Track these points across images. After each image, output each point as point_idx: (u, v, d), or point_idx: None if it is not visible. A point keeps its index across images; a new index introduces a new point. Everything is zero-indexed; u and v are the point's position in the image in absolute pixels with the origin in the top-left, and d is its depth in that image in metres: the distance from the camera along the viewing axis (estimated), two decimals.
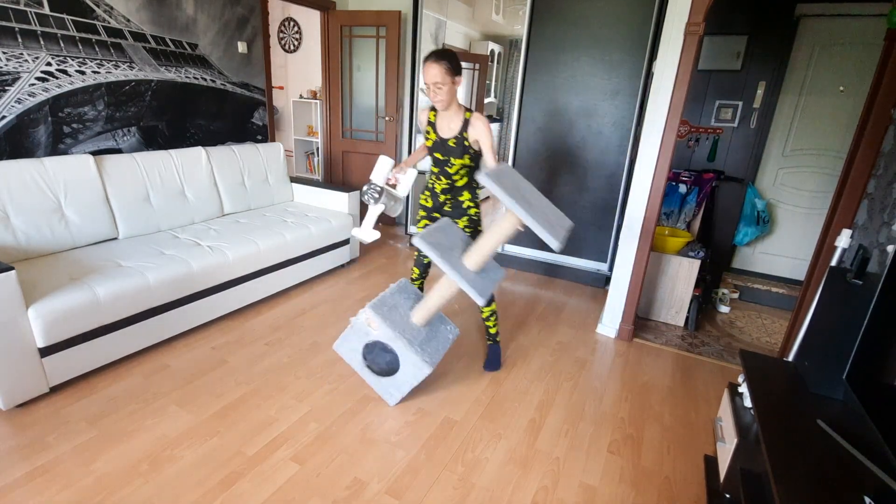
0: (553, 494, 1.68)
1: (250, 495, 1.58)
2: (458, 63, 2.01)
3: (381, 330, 1.97)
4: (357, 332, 2.05)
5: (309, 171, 6.25)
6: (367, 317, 1.98)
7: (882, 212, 1.95)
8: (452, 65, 1.98)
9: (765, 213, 3.53)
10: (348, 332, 2.07)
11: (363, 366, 2.09)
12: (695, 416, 2.18)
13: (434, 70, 1.96)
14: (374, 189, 2.12)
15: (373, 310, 1.97)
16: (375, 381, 2.09)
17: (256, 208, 3.44)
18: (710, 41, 3.37)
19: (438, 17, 4.83)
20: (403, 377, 2.02)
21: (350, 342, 2.08)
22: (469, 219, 2.27)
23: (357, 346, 2.06)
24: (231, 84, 3.47)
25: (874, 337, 1.25)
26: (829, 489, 1.04)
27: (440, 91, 2.00)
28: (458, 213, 2.27)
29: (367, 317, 1.98)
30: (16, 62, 2.35)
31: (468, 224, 2.28)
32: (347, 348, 2.09)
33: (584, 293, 3.52)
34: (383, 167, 2.17)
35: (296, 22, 5.89)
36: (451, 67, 1.98)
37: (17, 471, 1.61)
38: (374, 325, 1.98)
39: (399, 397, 2.07)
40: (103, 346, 2.12)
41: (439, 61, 1.95)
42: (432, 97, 2.03)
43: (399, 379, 2.03)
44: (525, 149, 3.67)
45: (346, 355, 2.11)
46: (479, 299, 1.85)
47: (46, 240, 2.33)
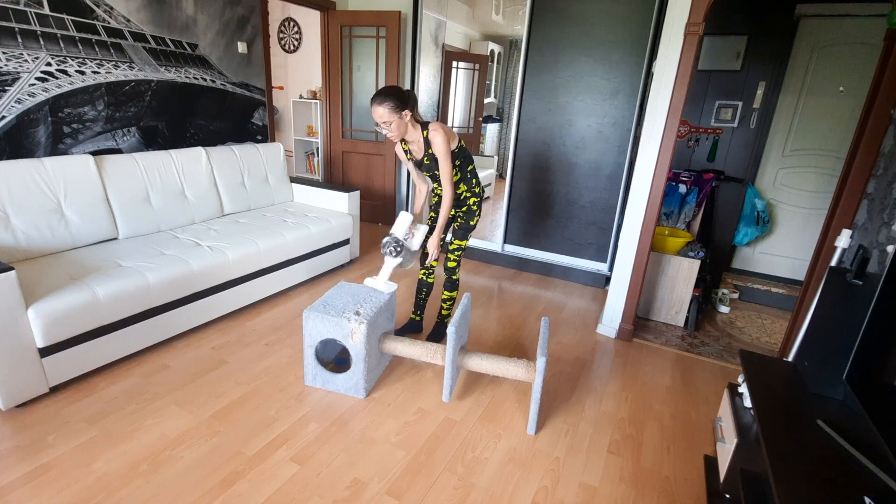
0: (553, 494, 1.68)
1: (250, 495, 1.58)
2: (402, 98, 2.08)
3: (358, 346, 2.03)
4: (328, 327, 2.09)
5: (309, 171, 6.25)
6: (354, 329, 2.01)
7: (882, 212, 1.95)
8: (397, 102, 2.06)
9: (765, 214, 3.53)
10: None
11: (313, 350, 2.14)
12: (695, 416, 2.18)
13: (379, 111, 2.06)
14: (395, 243, 2.24)
15: (367, 326, 2.01)
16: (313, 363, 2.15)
17: (256, 208, 3.44)
18: (710, 41, 3.37)
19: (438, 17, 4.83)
20: (341, 383, 2.14)
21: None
22: (467, 209, 2.41)
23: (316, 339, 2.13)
24: (231, 84, 3.47)
25: (874, 337, 1.25)
26: (829, 489, 1.04)
27: (389, 128, 2.11)
28: (459, 204, 2.42)
29: (354, 329, 2.01)
30: (16, 62, 2.35)
31: (463, 214, 2.42)
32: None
33: (584, 293, 3.52)
34: (404, 222, 2.29)
35: (296, 22, 5.89)
36: (396, 105, 2.06)
37: (17, 471, 1.61)
38: (356, 338, 2.02)
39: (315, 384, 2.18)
40: (103, 346, 2.12)
41: (383, 102, 2.05)
42: (385, 133, 2.14)
43: (339, 381, 2.13)
44: (525, 149, 3.67)
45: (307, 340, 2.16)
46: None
47: (46, 240, 2.33)
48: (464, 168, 2.31)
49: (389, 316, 2.29)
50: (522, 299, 3.32)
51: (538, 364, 1.90)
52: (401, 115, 2.09)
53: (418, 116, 2.20)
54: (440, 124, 2.14)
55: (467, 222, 2.41)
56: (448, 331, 1.97)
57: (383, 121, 2.08)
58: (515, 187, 3.78)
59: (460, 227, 2.43)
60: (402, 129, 2.14)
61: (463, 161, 2.29)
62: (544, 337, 2.04)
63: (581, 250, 3.69)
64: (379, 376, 2.28)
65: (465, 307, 2.18)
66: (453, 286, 2.55)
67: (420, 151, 2.25)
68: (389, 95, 2.06)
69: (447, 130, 2.15)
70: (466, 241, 2.44)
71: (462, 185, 2.35)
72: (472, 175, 2.35)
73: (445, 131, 2.13)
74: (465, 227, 2.41)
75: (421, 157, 2.26)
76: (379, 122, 2.10)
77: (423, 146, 2.21)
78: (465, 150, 2.30)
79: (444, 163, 2.16)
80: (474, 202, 2.39)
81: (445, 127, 2.16)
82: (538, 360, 1.90)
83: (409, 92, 2.13)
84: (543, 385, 2.32)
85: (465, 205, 2.40)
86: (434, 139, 2.13)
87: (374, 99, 2.07)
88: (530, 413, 1.98)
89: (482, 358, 2.09)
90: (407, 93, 2.11)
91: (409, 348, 2.17)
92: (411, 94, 2.13)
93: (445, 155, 2.14)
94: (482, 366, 2.08)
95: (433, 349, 2.13)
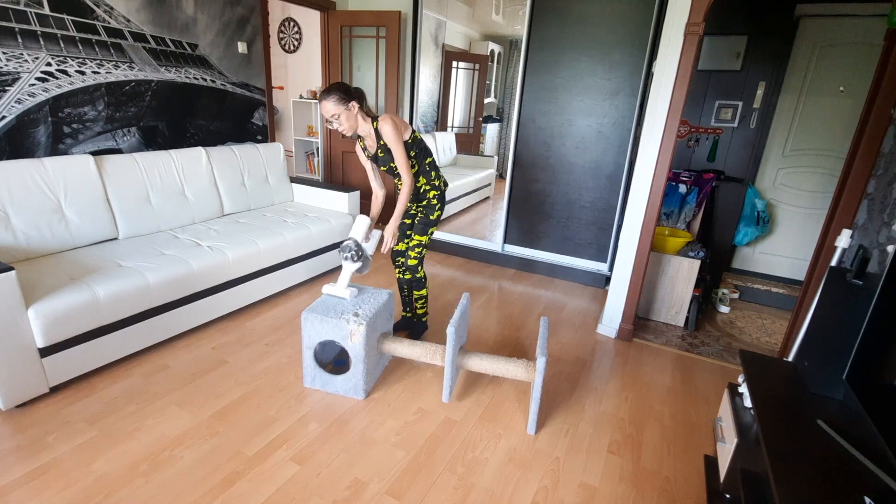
0: (553, 494, 1.68)
1: (250, 495, 1.58)
2: (346, 91, 2.11)
3: (357, 348, 2.02)
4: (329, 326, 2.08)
5: (309, 171, 6.25)
6: (353, 331, 2.01)
7: (882, 212, 1.95)
8: (341, 94, 2.09)
9: (765, 214, 3.53)
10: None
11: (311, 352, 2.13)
12: (695, 416, 2.18)
13: (326, 105, 2.09)
14: (356, 247, 2.20)
15: (367, 327, 2.01)
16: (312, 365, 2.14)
17: (256, 208, 3.44)
18: (710, 41, 3.37)
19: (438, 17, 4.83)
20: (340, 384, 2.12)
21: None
22: (427, 203, 2.39)
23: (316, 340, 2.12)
24: (231, 84, 3.48)
25: (874, 337, 1.25)
26: (829, 489, 1.04)
27: (339, 121, 2.12)
28: (418, 198, 2.40)
29: (353, 331, 2.01)
30: (16, 62, 2.35)
31: (423, 209, 2.40)
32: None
33: (584, 293, 3.52)
34: (362, 225, 2.24)
35: (296, 22, 5.89)
36: (341, 97, 2.08)
37: (17, 471, 1.61)
38: (355, 339, 2.01)
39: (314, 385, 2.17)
40: (103, 346, 2.12)
41: (328, 96, 2.08)
42: (336, 129, 2.16)
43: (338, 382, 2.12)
44: (525, 149, 3.67)
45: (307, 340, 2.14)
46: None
47: (46, 240, 2.33)
48: (421, 160, 2.29)
49: (388, 316, 2.29)
50: (522, 299, 3.32)
51: (538, 364, 1.90)
52: (347, 107, 2.10)
53: (368, 110, 2.22)
54: (389, 115, 2.15)
55: (427, 217, 2.37)
56: (448, 331, 1.96)
57: (331, 114, 2.10)
58: (515, 187, 3.78)
59: (420, 221, 2.39)
60: (352, 121, 2.14)
61: (419, 152, 2.27)
62: (544, 337, 2.03)
63: (581, 250, 3.69)
64: (378, 377, 2.28)
65: (463, 307, 2.18)
66: (420, 284, 2.51)
67: (373, 145, 2.25)
68: (334, 89, 2.09)
69: (397, 120, 2.16)
70: (427, 237, 2.39)
71: (421, 178, 2.33)
72: (430, 168, 2.33)
73: (394, 120, 2.14)
74: (426, 221, 2.37)
75: (375, 150, 2.26)
76: (328, 117, 2.12)
77: (375, 138, 2.22)
78: (421, 142, 2.28)
79: (396, 149, 2.15)
80: (434, 195, 2.36)
81: (395, 117, 2.17)
82: (538, 360, 1.90)
83: (356, 88, 2.17)
84: (543, 385, 2.32)
85: (424, 198, 2.38)
86: (383, 129, 2.13)
87: (320, 95, 2.10)
88: (530, 413, 1.98)
89: (482, 358, 2.09)
90: (353, 88, 2.15)
91: (408, 349, 2.16)
92: (358, 89, 2.17)
93: (396, 141, 2.13)
94: (482, 366, 2.08)
95: (433, 350, 2.12)
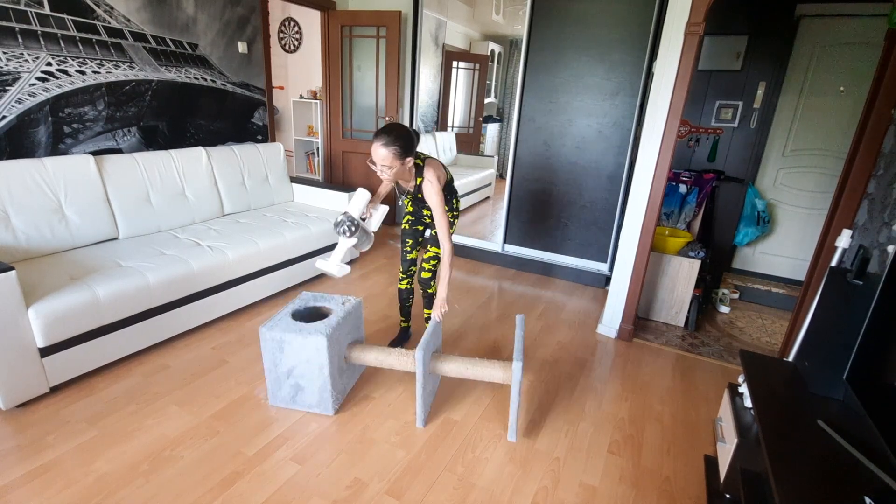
0: (553, 494, 1.68)
1: (250, 495, 1.58)
2: (409, 145, 1.88)
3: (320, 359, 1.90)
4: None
5: (309, 171, 6.25)
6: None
7: (882, 212, 1.95)
8: (402, 147, 1.86)
9: (765, 214, 3.53)
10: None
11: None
12: (695, 416, 2.18)
13: (381, 153, 1.85)
14: (349, 221, 2.01)
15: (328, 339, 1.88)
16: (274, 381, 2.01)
17: (257, 208, 3.44)
18: (710, 41, 3.37)
19: (438, 17, 4.83)
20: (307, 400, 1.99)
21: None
22: None
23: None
24: (231, 84, 3.48)
25: (874, 337, 1.25)
26: (829, 489, 1.04)
27: (386, 171, 1.90)
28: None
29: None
30: (16, 62, 2.35)
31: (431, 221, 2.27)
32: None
33: (584, 293, 3.52)
34: (360, 200, 2.07)
35: (296, 22, 5.90)
36: (401, 151, 1.86)
37: (18, 471, 1.61)
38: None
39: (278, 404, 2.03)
40: (103, 346, 2.12)
41: (389, 146, 1.83)
42: (378, 173, 1.92)
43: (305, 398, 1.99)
44: (525, 149, 3.67)
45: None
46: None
47: (46, 240, 2.33)
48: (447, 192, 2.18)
49: (356, 325, 2.18)
50: (522, 299, 3.32)
51: (514, 368, 1.79)
52: (403, 161, 1.89)
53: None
54: (433, 172, 1.97)
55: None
56: (416, 355, 1.82)
57: (383, 164, 1.86)
58: (515, 187, 3.78)
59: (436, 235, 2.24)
60: (400, 174, 1.96)
61: (447, 194, 2.16)
62: (519, 338, 1.92)
63: (581, 250, 3.68)
64: (351, 387, 2.18)
65: (435, 323, 2.07)
66: (431, 302, 2.39)
67: (411, 189, 2.13)
68: (397, 139, 1.84)
69: (441, 177, 2.00)
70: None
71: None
72: (450, 195, 2.22)
73: (438, 179, 1.98)
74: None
75: (409, 192, 2.16)
76: (377, 163, 1.87)
77: (415, 189, 2.09)
78: (449, 185, 2.18)
79: (440, 217, 1.98)
80: (451, 216, 2.25)
81: (439, 172, 2.00)
82: (514, 365, 1.80)
83: (416, 135, 1.95)
84: (543, 385, 2.32)
85: None
86: (426, 190, 1.99)
87: (379, 138, 1.84)
88: (509, 419, 1.89)
89: (455, 362, 1.97)
90: (415, 137, 1.92)
91: (381, 357, 2.03)
92: (417, 138, 1.94)
93: (440, 207, 1.97)
94: (456, 370, 1.96)
95: (407, 357, 1.99)
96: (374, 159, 1.88)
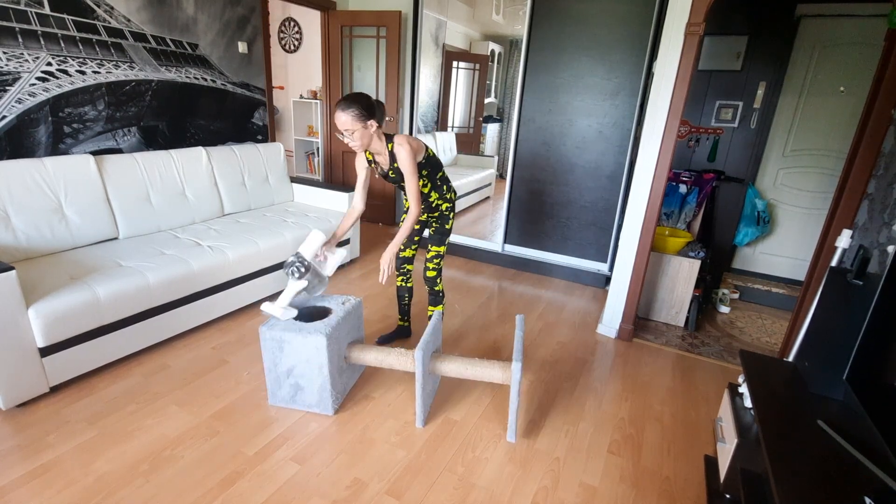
0: (553, 494, 1.68)
1: (250, 495, 1.58)
2: (368, 106, 1.93)
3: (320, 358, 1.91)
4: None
5: (309, 171, 6.25)
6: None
7: (882, 212, 1.95)
8: (362, 110, 1.91)
9: (765, 214, 3.53)
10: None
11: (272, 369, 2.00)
12: (695, 416, 2.18)
13: (342, 118, 1.91)
14: (300, 263, 1.97)
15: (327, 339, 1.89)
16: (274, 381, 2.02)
17: (257, 208, 3.44)
18: (710, 41, 3.37)
19: (438, 17, 4.83)
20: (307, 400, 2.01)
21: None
22: (440, 214, 2.32)
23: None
24: (231, 84, 3.48)
25: (874, 337, 1.25)
26: (829, 489, 1.04)
27: (352, 137, 1.95)
28: (430, 209, 2.32)
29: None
30: (16, 62, 2.35)
31: (436, 219, 2.33)
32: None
33: (584, 293, 3.52)
34: (315, 241, 2.04)
35: (296, 22, 5.90)
36: (361, 113, 1.91)
37: (17, 471, 1.62)
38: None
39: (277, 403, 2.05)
40: (103, 346, 2.12)
41: (346, 109, 1.90)
42: (347, 143, 1.99)
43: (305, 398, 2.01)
44: (525, 149, 3.67)
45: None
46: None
47: (46, 240, 2.33)
48: (433, 176, 2.21)
49: (356, 325, 2.18)
50: (522, 299, 3.32)
51: (513, 369, 1.80)
52: (366, 124, 1.94)
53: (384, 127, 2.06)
54: (406, 137, 2.03)
55: (442, 226, 2.31)
56: (416, 355, 1.84)
57: (346, 129, 1.92)
58: (516, 187, 3.78)
59: (436, 231, 2.32)
60: (367, 140, 1.99)
61: (431, 170, 2.19)
62: (519, 338, 1.92)
63: (581, 250, 3.68)
64: (352, 385, 2.19)
65: (435, 323, 2.08)
66: (437, 300, 2.41)
67: (386, 164, 2.14)
68: (354, 102, 1.91)
69: (413, 143, 2.04)
70: (444, 247, 2.33)
71: (433, 194, 2.25)
72: (442, 181, 2.26)
73: (411, 144, 2.02)
74: (441, 231, 2.32)
75: (387, 169, 2.16)
76: (341, 130, 1.94)
77: (389, 159, 2.10)
78: (434, 159, 2.19)
79: (410, 179, 2.04)
80: (447, 207, 2.30)
81: (411, 139, 2.05)
82: (513, 365, 1.80)
83: (377, 101, 1.99)
84: (542, 385, 2.32)
85: (437, 210, 2.31)
86: (399, 153, 2.02)
87: (338, 105, 1.92)
88: (509, 420, 1.89)
89: (455, 362, 1.96)
90: (375, 102, 1.97)
91: (381, 357, 2.03)
92: (379, 105, 2.00)
93: (411, 171, 2.03)
94: (456, 370, 1.96)
95: (407, 357, 1.99)
96: (338, 127, 1.95)
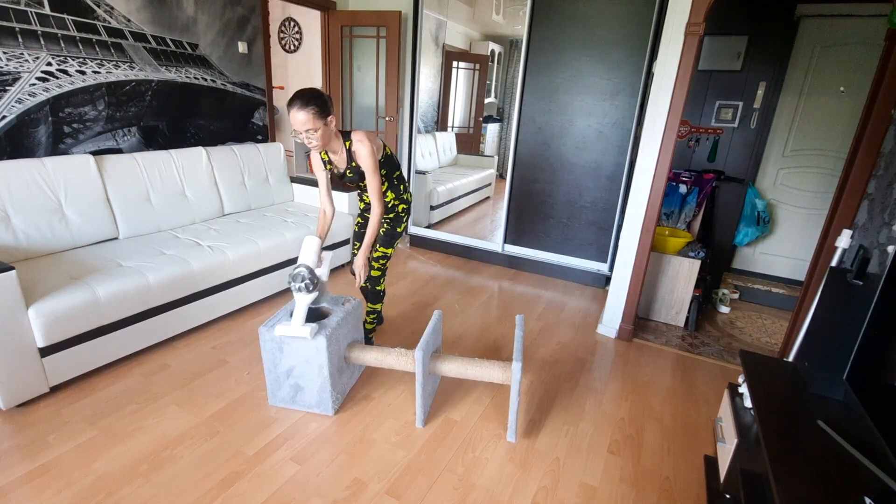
0: (553, 494, 1.68)
1: (250, 495, 1.58)
2: (324, 102, 1.86)
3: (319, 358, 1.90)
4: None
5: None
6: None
7: (882, 212, 1.95)
8: (320, 107, 1.84)
9: (765, 214, 3.53)
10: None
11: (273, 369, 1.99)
12: (695, 416, 2.18)
13: (300, 117, 1.81)
14: (309, 274, 1.87)
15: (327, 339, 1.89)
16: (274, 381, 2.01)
17: (257, 208, 3.44)
18: (710, 41, 3.37)
19: (439, 17, 4.84)
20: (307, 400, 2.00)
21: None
22: (395, 215, 2.30)
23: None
24: (231, 84, 3.48)
25: (874, 337, 1.25)
26: (829, 489, 1.04)
27: (314, 136, 1.88)
28: (385, 210, 2.28)
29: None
30: (16, 62, 2.35)
31: (390, 220, 2.30)
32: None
33: (584, 293, 3.52)
34: (312, 247, 1.93)
35: (296, 22, 5.90)
36: (319, 111, 1.84)
37: (17, 471, 1.62)
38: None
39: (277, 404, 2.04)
40: (103, 346, 2.12)
41: (304, 107, 1.81)
42: (307, 143, 1.90)
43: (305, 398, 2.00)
44: (525, 149, 3.67)
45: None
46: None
47: (46, 240, 2.33)
48: (390, 176, 2.18)
49: (356, 325, 2.17)
50: (522, 299, 3.32)
51: (513, 369, 1.80)
52: (326, 121, 1.88)
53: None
54: (364, 133, 1.97)
55: (394, 229, 2.29)
56: (416, 355, 1.81)
57: (306, 128, 1.84)
58: (515, 187, 3.78)
59: (386, 233, 2.29)
60: (328, 138, 1.92)
61: (389, 169, 2.15)
62: (519, 338, 1.92)
63: (581, 250, 3.68)
64: (352, 386, 2.18)
65: (435, 322, 2.06)
66: (377, 298, 2.39)
67: (343, 163, 2.07)
68: (312, 99, 1.82)
69: (373, 140, 1.99)
70: (392, 248, 2.31)
71: (390, 193, 2.22)
72: (399, 181, 2.23)
73: (371, 141, 1.97)
74: (391, 233, 2.29)
75: (343, 168, 2.08)
76: (300, 131, 1.85)
77: (347, 158, 2.03)
78: (391, 158, 2.16)
79: (373, 177, 1.99)
80: (403, 209, 2.28)
81: (370, 135, 1.99)
82: (513, 365, 1.80)
83: (328, 96, 1.94)
84: (542, 386, 2.32)
85: (392, 211, 2.28)
86: (359, 151, 1.96)
87: (293, 103, 1.81)
88: (509, 419, 1.89)
89: (454, 362, 1.96)
90: (328, 97, 1.91)
91: (381, 357, 2.02)
92: (330, 100, 1.93)
93: (373, 169, 1.98)
94: (456, 370, 1.96)
95: (407, 357, 1.98)
96: (296, 127, 1.85)
